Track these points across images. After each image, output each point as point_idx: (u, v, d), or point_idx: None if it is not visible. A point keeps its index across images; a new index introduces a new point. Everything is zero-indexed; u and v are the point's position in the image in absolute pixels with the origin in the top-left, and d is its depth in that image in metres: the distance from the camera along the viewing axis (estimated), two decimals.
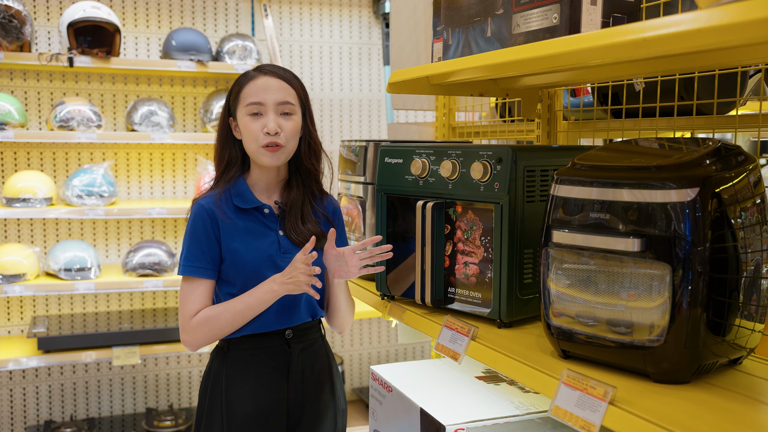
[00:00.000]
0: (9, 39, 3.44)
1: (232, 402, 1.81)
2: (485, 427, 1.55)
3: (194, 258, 1.78)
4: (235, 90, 1.84)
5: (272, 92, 1.80)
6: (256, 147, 1.79)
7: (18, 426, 3.87)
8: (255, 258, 1.79)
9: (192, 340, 1.78)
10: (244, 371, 1.82)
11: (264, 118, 1.79)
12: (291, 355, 1.84)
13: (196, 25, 4.10)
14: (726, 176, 1.12)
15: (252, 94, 1.80)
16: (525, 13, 1.43)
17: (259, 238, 1.81)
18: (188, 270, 1.78)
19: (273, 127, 1.77)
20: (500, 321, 1.49)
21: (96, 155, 3.95)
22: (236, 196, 1.83)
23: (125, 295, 4.03)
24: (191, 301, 1.78)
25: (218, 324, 1.76)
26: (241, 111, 1.81)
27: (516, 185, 1.45)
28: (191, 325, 1.77)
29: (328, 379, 1.93)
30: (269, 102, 1.79)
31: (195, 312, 1.77)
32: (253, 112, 1.79)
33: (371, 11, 4.47)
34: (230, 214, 1.80)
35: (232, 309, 1.76)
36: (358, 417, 4.12)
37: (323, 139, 4.41)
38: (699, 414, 1.03)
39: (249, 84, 1.81)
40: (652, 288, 1.12)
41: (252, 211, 1.83)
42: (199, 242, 1.79)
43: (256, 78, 1.82)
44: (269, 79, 1.81)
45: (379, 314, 1.90)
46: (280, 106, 1.80)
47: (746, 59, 1.40)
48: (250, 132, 1.79)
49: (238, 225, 1.80)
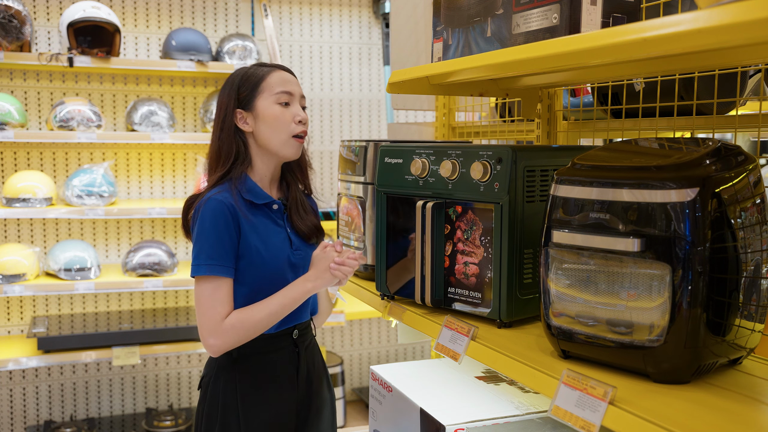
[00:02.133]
0: (9, 39, 3.44)
1: (249, 410, 1.79)
2: (485, 427, 1.55)
3: (218, 256, 1.70)
4: (252, 81, 1.81)
5: (295, 85, 1.84)
6: (286, 137, 1.80)
7: (18, 426, 3.87)
8: (274, 256, 1.78)
9: (222, 344, 1.69)
10: (259, 379, 1.81)
11: (293, 107, 1.81)
12: (299, 355, 1.87)
13: (196, 25, 4.10)
14: (726, 176, 1.12)
15: (280, 83, 1.81)
16: (525, 13, 1.43)
17: (274, 235, 1.81)
18: (213, 269, 1.69)
19: (305, 116, 1.82)
20: (500, 321, 1.49)
21: (96, 155, 3.95)
22: (247, 192, 1.79)
23: (125, 295, 4.03)
24: (220, 303, 1.69)
25: (254, 327, 1.71)
26: (267, 100, 1.79)
27: (516, 185, 1.45)
28: (224, 327, 1.68)
29: (324, 372, 1.98)
30: (297, 93, 1.83)
31: (226, 314, 1.69)
32: (284, 101, 1.80)
33: (371, 11, 4.47)
34: (246, 211, 1.76)
35: (266, 310, 1.71)
36: (358, 417, 4.12)
37: (323, 139, 4.41)
38: (699, 414, 1.03)
39: (271, 75, 1.82)
40: (652, 288, 1.12)
41: (262, 207, 1.81)
42: (221, 239, 1.70)
43: (274, 71, 1.83)
44: (286, 74, 1.85)
45: (379, 314, 1.90)
46: (302, 99, 1.85)
47: (746, 59, 1.40)
48: (283, 121, 1.79)
49: (254, 222, 1.77)
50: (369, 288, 1.90)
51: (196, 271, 1.71)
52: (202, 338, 1.71)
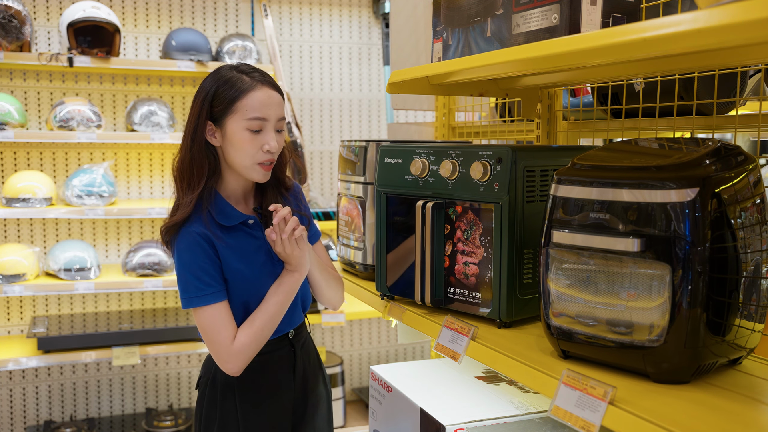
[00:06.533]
0: (9, 39, 3.44)
1: (248, 412, 1.80)
2: (485, 427, 1.55)
3: (206, 285, 1.69)
4: (228, 97, 1.69)
5: (274, 108, 1.72)
6: (250, 163, 1.71)
7: (18, 426, 3.87)
8: (257, 272, 1.76)
9: (241, 364, 1.70)
10: (257, 381, 1.81)
11: (264, 134, 1.70)
12: (295, 354, 1.87)
13: (196, 25, 4.09)
14: (726, 176, 1.12)
15: (256, 109, 1.69)
16: (525, 13, 1.43)
17: (253, 251, 1.77)
18: (206, 299, 1.69)
19: (275, 146, 1.70)
20: (500, 321, 1.49)
21: (96, 155, 3.95)
22: (218, 214, 1.74)
23: (125, 295, 4.03)
24: (224, 327, 1.69)
25: (262, 335, 1.71)
26: (238, 123, 1.69)
27: (516, 185, 1.45)
28: (235, 349, 1.68)
29: (320, 369, 1.98)
30: (272, 119, 1.71)
31: (233, 335, 1.69)
32: (255, 128, 1.69)
33: (371, 11, 4.47)
34: (221, 235, 1.73)
35: (267, 315, 1.72)
36: (358, 417, 4.12)
37: (323, 139, 4.41)
38: (699, 414, 1.03)
39: (249, 95, 1.69)
40: (652, 288, 1.12)
41: (238, 225, 1.77)
42: (204, 267, 1.70)
43: (254, 89, 1.70)
44: (270, 92, 1.72)
45: (378, 314, 1.90)
46: (279, 123, 1.74)
47: (746, 59, 1.40)
48: (248, 148, 1.69)
49: (231, 244, 1.74)
50: (369, 288, 1.90)
51: (188, 304, 1.70)
52: (219, 364, 1.71)
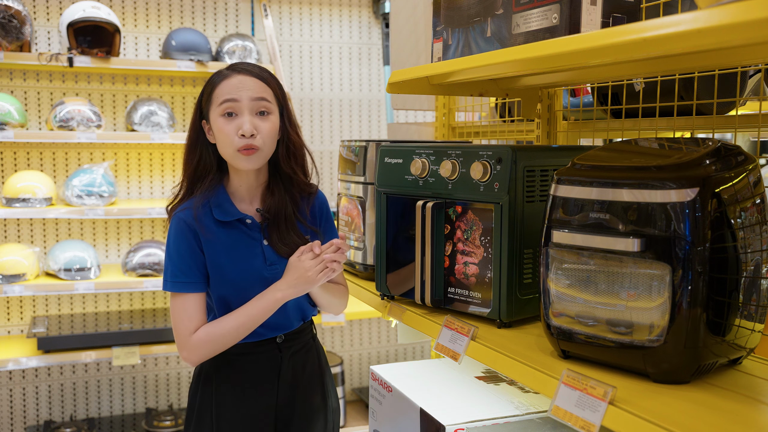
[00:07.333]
0: (9, 39, 3.44)
1: (222, 403, 1.79)
2: (485, 427, 1.55)
3: (181, 273, 1.71)
4: (208, 90, 1.72)
5: (246, 89, 1.68)
6: (231, 151, 1.69)
7: (18, 426, 3.87)
8: (241, 273, 1.74)
9: (195, 357, 1.71)
10: (235, 374, 1.79)
11: (239, 119, 1.67)
12: (282, 358, 1.82)
13: (196, 25, 4.09)
14: (726, 176, 1.12)
15: (225, 92, 1.68)
16: (525, 13, 1.43)
17: (244, 250, 1.75)
18: (177, 286, 1.71)
19: (248, 128, 1.66)
20: (500, 321, 1.49)
21: (96, 155, 3.95)
22: (216, 207, 1.74)
23: (125, 295, 4.03)
24: (187, 318, 1.70)
25: (222, 340, 1.70)
26: (215, 112, 1.69)
27: (516, 185, 1.45)
28: (192, 342, 1.69)
29: (319, 379, 1.91)
30: (243, 99, 1.67)
31: (194, 329, 1.69)
32: (227, 111, 1.67)
33: (371, 11, 4.47)
34: (212, 228, 1.72)
35: (234, 322, 1.69)
36: (358, 417, 4.12)
37: (323, 139, 4.41)
38: (699, 414, 1.03)
39: (222, 83, 1.69)
40: (652, 288, 1.12)
41: (234, 223, 1.75)
42: (183, 256, 1.71)
43: (229, 76, 1.70)
44: (243, 78, 1.70)
45: (379, 314, 1.90)
46: (255, 103, 1.68)
47: (746, 59, 1.40)
48: (225, 135, 1.67)
49: (221, 238, 1.73)
50: (369, 288, 1.90)
51: (164, 286, 1.74)
52: (177, 349, 1.75)
